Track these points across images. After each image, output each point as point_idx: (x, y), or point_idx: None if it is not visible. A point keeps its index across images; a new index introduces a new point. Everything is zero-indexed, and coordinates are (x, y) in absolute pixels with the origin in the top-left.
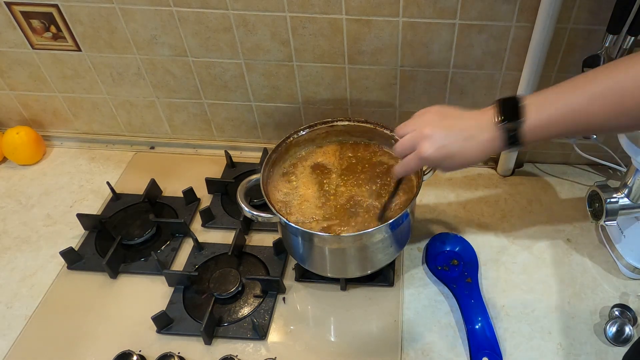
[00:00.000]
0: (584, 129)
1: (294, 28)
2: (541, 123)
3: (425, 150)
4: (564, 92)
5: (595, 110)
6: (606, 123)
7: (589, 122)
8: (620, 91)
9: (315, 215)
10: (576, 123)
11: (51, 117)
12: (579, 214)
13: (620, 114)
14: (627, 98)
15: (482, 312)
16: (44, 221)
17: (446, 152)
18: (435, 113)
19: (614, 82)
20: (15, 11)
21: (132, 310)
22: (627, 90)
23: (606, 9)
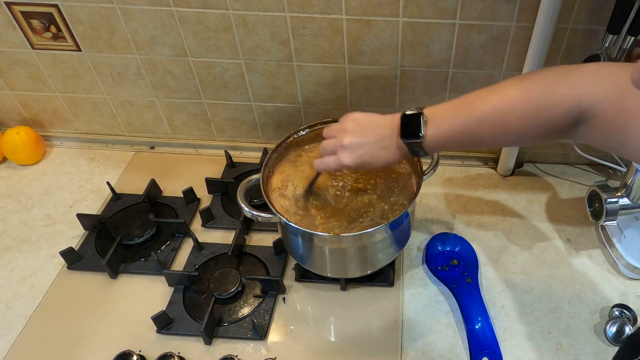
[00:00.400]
0: (478, 144)
1: (294, 28)
2: (438, 139)
3: (344, 159)
4: (459, 111)
5: (484, 130)
6: (496, 141)
7: (481, 140)
8: (506, 113)
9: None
10: (470, 140)
11: (51, 117)
12: (579, 214)
13: (507, 134)
14: (511, 120)
15: (482, 312)
16: (44, 221)
17: (362, 161)
18: (355, 121)
19: (502, 106)
20: (15, 11)
21: (132, 310)
22: (512, 114)
23: (606, 9)
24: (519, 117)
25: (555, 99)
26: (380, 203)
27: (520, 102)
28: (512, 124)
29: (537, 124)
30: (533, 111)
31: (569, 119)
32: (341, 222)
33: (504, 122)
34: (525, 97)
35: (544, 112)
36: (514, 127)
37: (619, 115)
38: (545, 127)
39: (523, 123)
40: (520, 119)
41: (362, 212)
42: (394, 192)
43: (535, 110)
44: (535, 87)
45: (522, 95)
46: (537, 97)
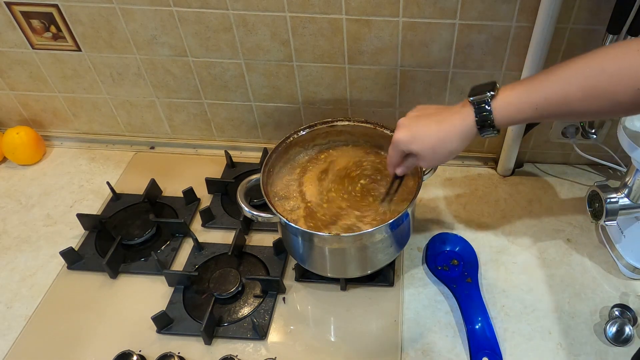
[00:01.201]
0: (558, 111)
1: (294, 28)
2: (513, 101)
3: (395, 135)
4: (539, 76)
5: (570, 93)
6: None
7: (564, 105)
8: (597, 73)
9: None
10: (550, 105)
11: (51, 117)
12: (579, 214)
13: (596, 97)
14: (603, 80)
15: (482, 312)
16: (44, 221)
17: (412, 133)
18: (418, 109)
19: (591, 66)
20: (15, 11)
21: (132, 310)
22: (604, 73)
23: (606, 9)
24: (611, 76)
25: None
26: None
27: (615, 61)
28: (604, 84)
29: (632, 86)
30: (629, 71)
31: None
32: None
33: (594, 83)
34: (620, 55)
35: (639, 74)
36: (606, 89)
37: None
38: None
39: (616, 84)
40: (613, 79)
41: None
42: None
43: (632, 69)
44: (632, 46)
45: (616, 54)
46: (635, 56)
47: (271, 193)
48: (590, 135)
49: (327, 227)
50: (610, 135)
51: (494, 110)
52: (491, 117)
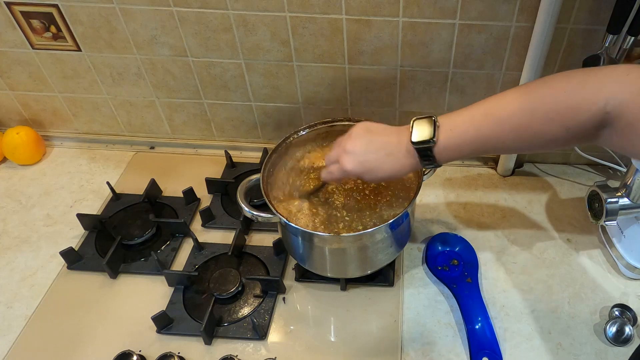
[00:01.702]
0: (497, 149)
1: (294, 28)
2: (452, 143)
3: (346, 165)
4: (475, 114)
5: (504, 134)
6: (516, 145)
7: (500, 144)
8: (529, 114)
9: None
10: (488, 145)
11: (51, 117)
12: (579, 214)
13: (529, 137)
14: (534, 121)
15: (482, 312)
16: (44, 221)
17: (366, 167)
18: (361, 128)
19: (523, 107)
20: (15, 11)
21: (132, 310)
22: (535, 114)
23: (606, 9)
24: (542, 118)
25: (581, 98)
26: (380, 202)
27: (544, 102)
28: (535, 126)
29: (561, 126)
30: (558, 110)
31: (594, 120)
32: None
33: (525, 124)
34: (550, 95)
35: (570, 112)
36: (537, 130)
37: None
38: (570, 129)
39: (546, 125)
40: (543, 120)
41: (363, 212)
42: (394, 192)
43: (560, 109)
44: (561, 86)
45: (546, 95)
46: (563, 96)
47: (271, 195)
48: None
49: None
50: None
51: (436, 154)
52: (434, 160)
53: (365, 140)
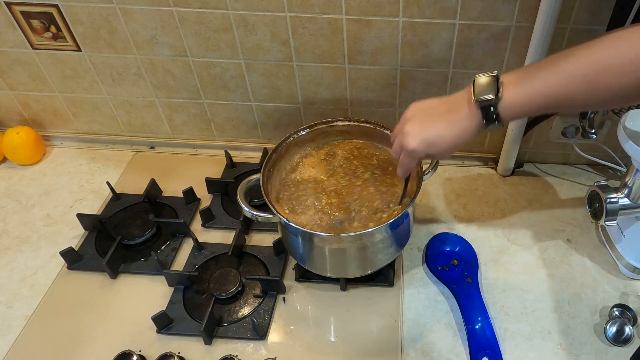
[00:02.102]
0: (562, 105)
1: (294, 28)
2: (517, 99)
3: (409, 145)
4: (541, 70)
5: (574, 89)
6: (587, 101)
7: (568, 100)
8: (600, 67)
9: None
10: (553, 100)
11: (51, 117)
12: (579, 214)
13: (601, 91)
14: (606, 74)
15: (482, 312)
16: (44, 221)
17: (427, 142)
18: (415, 109)
19: (593, 59)
20: (15, 11)
21: (132, 310)
22: (605, 68)
23: (606, 9)
24: (614, 70)
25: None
26: (380, 203)
27: (617, 54)
28: (608, 78)
29: (636, 78)
30: (632, 62)
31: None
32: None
33: (597, 77)
34: (621, 48)
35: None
36: (609, 83)
37: None
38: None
39: (620, 77)
40: (616, 72)
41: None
42: (394, 192)
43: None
44: (634, 37)
45: (618, 46)
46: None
47: (271, 196)
48: (590, 135)
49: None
50: (610, 135)
51: (500, 112)
52: (498, 117)
53: (421, 115)
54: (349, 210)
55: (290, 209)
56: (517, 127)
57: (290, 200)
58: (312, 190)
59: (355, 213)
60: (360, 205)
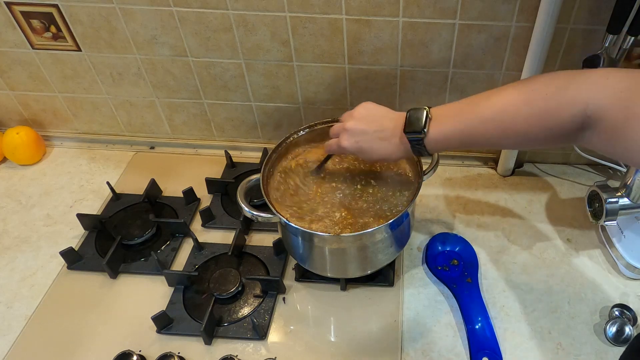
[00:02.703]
0: (481, 144)
1: (294, 28)
2: (440, 137)
3: (343, 142)
4: (464, 111)
5: (488, 131)
6: (499, 142)
7: (484, 140)
8: (512, 115)
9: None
10: (473, 140)
11: (51, 117)
12: (579, 214)
13: (511, 136)
14: (518, 122)
15: (482, 312)
16: (44, 221)
17: (359, 147)
18: (364, 108)
19: (506, 108)
20: (15, 11)
21: (132, 310)
22: (518, 116)
23: (606, 9)
24: (524, 119)
25: (562, 102)
26: (380, 202)
27: (526, 104)
28: (517, 125)
29: (542, 127)
30: (539, 113)
31: (575, 123)
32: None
33: (509, 123)
34: (531, 98)
35: (550, 115)
36: (519, 129)
37: (627, 121)
38: (551, 130)
39: (528, 125)
40: (525, 121)
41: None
42: (394, 192)
43: (542, 112)
44: (543, 89)
45: (529, 96)
46: (544, 99)
47: (271, 195)
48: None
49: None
50: None
51: (426, 144)
52: (425, 149)
53: (364, 122)
54: (350, 210)
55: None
56: None
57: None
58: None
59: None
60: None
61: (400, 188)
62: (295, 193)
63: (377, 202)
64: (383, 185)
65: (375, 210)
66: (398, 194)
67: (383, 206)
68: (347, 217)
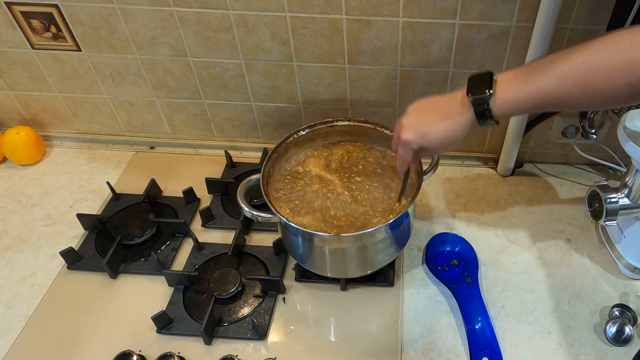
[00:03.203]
0: (557, 106)
1: (294, 28)
2: (510, 97)
3: (403, 136)
4: (536, 69)
5: (566, 90)
6: (578, 102)
7: (560, 100)
8: (591, 70)
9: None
10: (545, 99)
11: (51, 117)
12: (579, 214)
13: (591, 93)
14: (598, 77)
15: (482, 312)
16: (44, 221)
17: (421, 132)
18: (416, 104)
19: (585, 62)
20: (15, 11)
21: (132, 310)
22: (598, 70)
23: (606, 9)
24: (605, 73)
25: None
26: (380, 202)
27: (608, 57)
28: (598, 81)
29: (625, 82)
30: (622, 67)
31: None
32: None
33: (589, 79)
34: (613, 51)
35: (634, 68)
36: (600, 85)
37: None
38: (634, 85)
39: (610, 80)
40: (607, 75)
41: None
42: (393, 192)
43: (625, 66)
44: (626, 41)
45: (610, 49)
46: (627, 51)
47: (271, 195)
48: (590, 135)
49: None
50: (610, 135)
51: (492, 108)
52: (490, 114)
53: (418, 111)
54: (350, 210)
55: (290, 210)
56: (517, 127)
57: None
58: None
59: (357, 214)
60: (362, 206)
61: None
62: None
63: (377, 201)
64: (383, 185)
65: (375, 210)
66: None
67: (383, 206)
68: (347, 217)
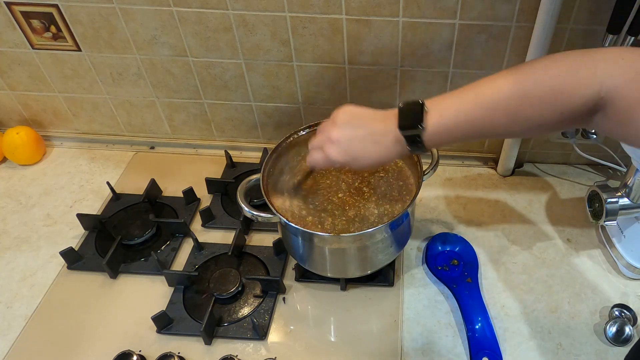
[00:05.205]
0: (487, 134)
1: (294, 28)
2: (441, 129)
3: (332, 154)
4: (465, 99)
5: (495, 118)
6: (507, 130)
7: (490, 129)
8: (516, 99)
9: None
10: (478, 130)
11: (51, 117)
12: (579, 214)
13: (520, 121)
14: (527, 106)
15: (482, 312)
16: (44, 221)
17: (351, 156)
18: (345, 113)
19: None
20: (15, 11)
21: (132, 310)
22: (527, 98)
23: (606, 9)
24: (534, 102)
25: (575, 82)
26: (380, 203)
27: (536, 86)
28: (527, 110)
29: (553, 110)
30: (550, 95)
31: (587, 105)
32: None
33: (517, 108)
34: (542, 80)
35: (563, 97)
36: (529, 114)
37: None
38: (562, 114)
39: (538, 109)
40: (536, 105)
41: (362, 212)
42: (393, 192)
43: (553, 94)
44: (554, 69)
45: (538, 78)
46: (556, 80)
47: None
48: (590, 135)
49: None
50: None
51: (425, 140)
52: (423, 146)
53: (350, 128)
54: (351, 211)
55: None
56: None
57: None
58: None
59: (357, 214)
60: (362, 206)
61: (399, 188)
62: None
63: (376, 201)
64: (383, 185)
65: (375, 210)
66: (397, 194)
67: (383, 206)
68: (347, 216)
